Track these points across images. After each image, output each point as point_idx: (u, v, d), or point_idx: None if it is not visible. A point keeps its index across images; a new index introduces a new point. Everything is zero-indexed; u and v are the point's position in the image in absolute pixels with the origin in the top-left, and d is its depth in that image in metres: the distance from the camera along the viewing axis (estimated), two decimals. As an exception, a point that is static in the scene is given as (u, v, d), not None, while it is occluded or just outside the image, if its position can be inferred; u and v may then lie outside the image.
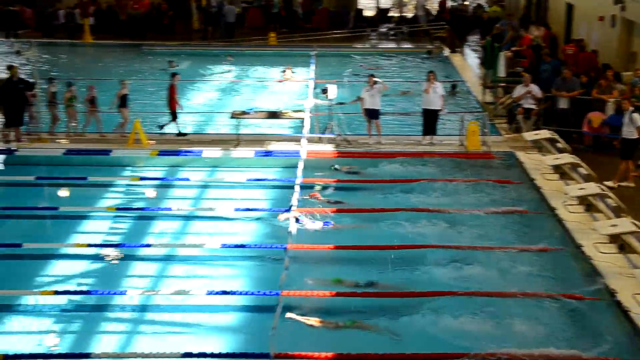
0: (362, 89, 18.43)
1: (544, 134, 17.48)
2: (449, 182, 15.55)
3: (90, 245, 12.86)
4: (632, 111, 15.46)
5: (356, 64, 28.52)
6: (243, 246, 12.81)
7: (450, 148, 17.83)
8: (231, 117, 18.58)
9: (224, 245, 12.82)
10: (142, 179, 16.27)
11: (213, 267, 12.54)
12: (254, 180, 15.99)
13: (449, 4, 38.11)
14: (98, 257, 12.70)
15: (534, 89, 18.50)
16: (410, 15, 37.81)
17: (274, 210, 14.35)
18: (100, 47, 32.14)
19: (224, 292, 11.24)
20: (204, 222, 14.26)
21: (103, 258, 12.69)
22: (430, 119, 18.14)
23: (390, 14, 38.65)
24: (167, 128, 18.55)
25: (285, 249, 12.41)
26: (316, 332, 10.42)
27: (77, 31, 32.97)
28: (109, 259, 12.68)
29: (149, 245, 13.06)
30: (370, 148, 17.80)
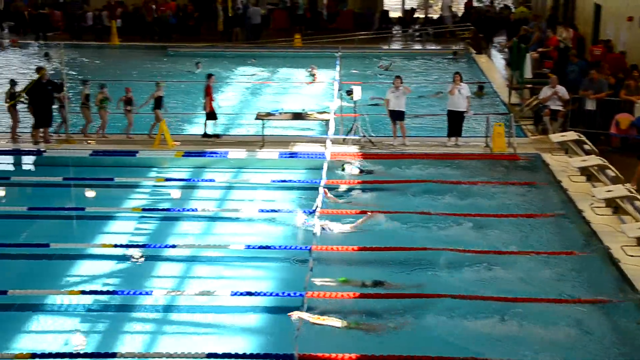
0: (387, 91, 18.38)
1: (571, 135, 17.32)
2: (474, 185, 15.46)
3: (116, 246, 12.95)
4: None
5: (376, 65, 28.52)
6: (267, 247, 12.84)
7: (475, 150, 17.74)
8: (256, 119, 18.64)
9: (249, 246, 12.86)
10: (167, 180, 16.38)
11: (237, 268, 12.57)
12: (278, 181, 16.03)
13: (475, 4, 37.95)
14: (124, 258, 12.80)
15: (561, 90, 18.33)
16: (435, 17, 37.67)
17: (298, 211, 14.37)
18: (127, 49, 32.42)
19: (249, 293, 11.28)
20: (228, 223, 14.31)
21: (129, 258, 12.79)
22: (455, 121, 18.05)
23: (415, 15, 38.59)
24: (207, 128, 18.55)
25: (310, 250, 12.42)
26: (341, 333, 10.40)
27: (105, 33, 33.31)
28: (135, 259, 12.78)
29: (174, 246, 13.12)
30: (394, 150, 17.76)
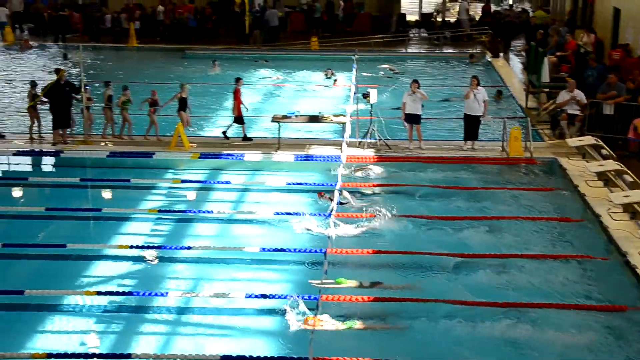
0: (404, 94, 18.35)
1: (588, 140, 17.22)
2: (489, 189, 15.41)
3: (132, 247, 13.02)
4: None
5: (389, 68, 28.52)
6: (282, 250, 12.85)
7: (492, 154, 17.67)
8: (272, 121, 18.66)
9: (264, 248, 12.88)
10: (183, 181, 16.44)
11: (252, 270, 12.58)
12: (294, 184, 16.04)
13: (493, 8, 37.82)
14: (139, 259, 12.86)
15: (579, 94, 18.23)
16: (452, 20, 37.58)
17: (313, 214, 14.38)
18: (145, 51, 32.59)
19: (263, 296, 11.30)
20: (244, 225, 14.33)
21: (144, 260, 12.85)
22: (471, 125, 17.99)
23: (432, 18, 38.51)
24: (231, 131, 18.63)
25: (325, 253, 12.42)
26: (356, 337, 10.39)
27: (123, 35, 33.51)
28: (150, 260, 12.84)
29: (189, 248, 13.17)
30: (410, 153, 17.73)
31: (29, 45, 32.48)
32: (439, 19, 38.02)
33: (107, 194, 16.09)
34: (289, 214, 14.41)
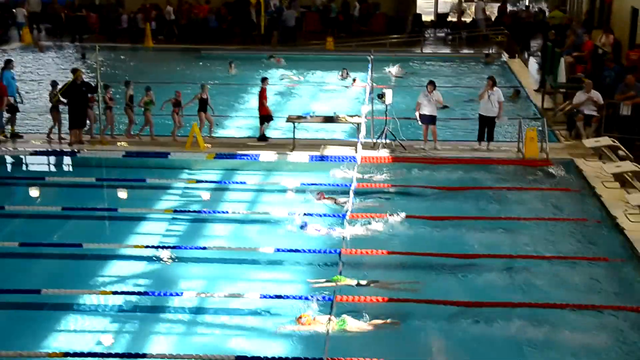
0: (420, 94, 18.31)
1: (605, 140, 17.11)
2: (504, 189, 15.35)
3: (147, 247, 13.08)
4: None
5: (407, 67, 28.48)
6: (297, 250, 12.86)
7: (507, 154, 17.60)
8: (287, 121, 18.68)
9: (278, 249, 12.90)
10: (198, 181, 16.49)
11: (267, 270, 12.60)
12: (308, 184, 16.04)
13: (509, 8, 37.64)
14: (155, 259, 12.91)
15: (595, 95, 18.12)
16: (468, 20, 37.44)
17: (327, 215, 14.38)
18: (161, 51, 32.71)
19: (278, 296, 11.31)
20: (258, 225, 14.35)
21: (159, 259, 12.90)
22: (486, 126, 17.93)
23: (448, 18, 38.35)
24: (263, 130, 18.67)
25: (340, 253, 12.42)
26: (371, 338, 10.38)
27: (139, 36, 33.65)
28: (166, 260, 12.89)
29: (204, 248, 13.21)
30: (425, 154, 17.69)
31: (43, 46, 32.64)
32: (455, 19, 37.90)
33: (122, 194, 16.17)
34: (303, 214, 14.40)
